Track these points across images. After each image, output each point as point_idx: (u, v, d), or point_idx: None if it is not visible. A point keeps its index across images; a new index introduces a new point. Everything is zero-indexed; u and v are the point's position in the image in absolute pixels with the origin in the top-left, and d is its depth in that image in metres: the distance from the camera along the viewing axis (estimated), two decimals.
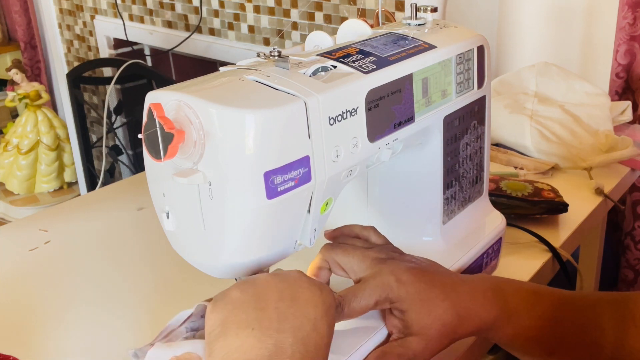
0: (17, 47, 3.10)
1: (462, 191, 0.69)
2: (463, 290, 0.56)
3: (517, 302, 0.57)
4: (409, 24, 0.66)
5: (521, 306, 0.57)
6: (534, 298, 0.58)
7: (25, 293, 0.75)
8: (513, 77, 1.16)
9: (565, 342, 0.58)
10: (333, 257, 0.57)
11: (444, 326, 0.54)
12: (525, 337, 0.57)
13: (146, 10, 2.16)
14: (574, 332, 0.58)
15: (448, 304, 0.54)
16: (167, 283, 0.75)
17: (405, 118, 0.58)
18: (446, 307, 0.54)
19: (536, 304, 0.58)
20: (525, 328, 0.57)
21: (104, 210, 0.95)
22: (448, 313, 0.54)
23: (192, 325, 0.53)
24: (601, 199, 0.93)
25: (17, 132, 2.73)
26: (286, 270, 0.50)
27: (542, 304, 0.58)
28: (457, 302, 0.55)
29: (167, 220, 0.51)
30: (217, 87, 0.49)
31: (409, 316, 0.54)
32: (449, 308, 0.54)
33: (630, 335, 0.56)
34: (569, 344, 0.58)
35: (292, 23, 1.73)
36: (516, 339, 0.57)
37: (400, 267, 0.55)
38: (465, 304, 0.55)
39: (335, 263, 0.57)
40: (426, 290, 0.54)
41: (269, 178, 0.47)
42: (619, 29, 1.23)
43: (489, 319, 0.56)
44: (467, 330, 0.55)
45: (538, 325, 0.57)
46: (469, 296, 0.56)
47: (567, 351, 0.58)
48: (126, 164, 2.44)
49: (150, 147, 0.47)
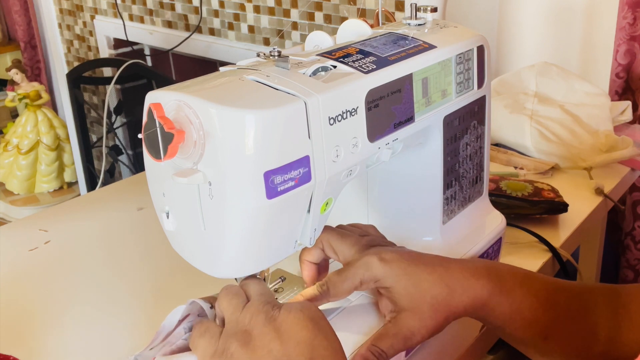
0: (17, 47, 3.10)
1: (462, 191, 0.69)
2: (452, 267, 0.56)
3: (512, 282, 0.57)
4: (409, 24, 0.66)
5: (516, 286, 0.57)
6: (528, 280, 0.58)
7: (25, 293, 0.75)
8: (513, 77, 1.16)
9: (559, 326, 0.57)
10: (328, 238, 0.58)
11: (434, 298, 0.54)
12: (521, 317, 0.56)
13: (146, 10, 2.16)
14: (569, 317, 0.57)
15: (435, 276, 0.55)
16: (167, 283, 0.75)
17: (405, 118, 0.58)
18: (433, 280, 0.54)
19: (531, 286, 0.58)
20: (521, 308, 0.56)
21: (104, 210, 0.95)
22: (436, 285, 0.54)
23: (190, 325, 0.53)
24: (601, 199, 0.93)
25: (17, 132, 2.73)
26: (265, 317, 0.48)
27: (537, 286, 0.58)
28: (445, 275, 0.55)
29: (167, 220, 0.51)
30: (217, 87, 0.49)
31: (396, 291, 0.54)
32: (437, 280, 0.54)
33: (623, 328, 0.56)
34: (564, 330, 0.57)
35: (292, 23, 1.73)
36: (512, 319, 0.57)
37: (386, 249, 0.56)
38: (455, 277, 0.55)
39: (329, 245, 0.58)
40: (410, 266, 0.55)
41: (269, 178, 0.47)
42: (619, 29, 1.23)
43: (483, 293, 0.55)
44: (461, 304, 0.55)
45: (533, 306, 0.56)
46: (458, 270, 0.56)
47: (561, 337, 0.57)
48: (126, 164, 2.44)
49: (150, 147, 0.47)
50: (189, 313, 0.53)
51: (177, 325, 0.53)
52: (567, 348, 0.57)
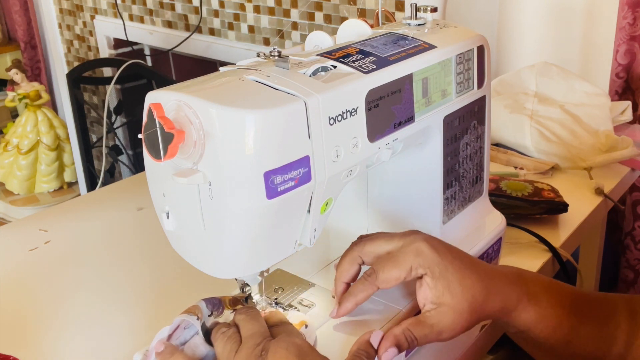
0: (17, 47, 3.10)
1: (462, 191, 0.69)
2: (487, 268, 0.57)
3: (537, 288, 0.58)
4: (409, 24, 0.66)
5: (541, 292, 0.58)
6: (552, 287, 0.59)
7: (25, 293, 0.75)
8: (513, 77, 1.16)
9: (581, 331, 0.58)
10: (362, 248, 0.59)
11: (474, 298, 0.55)
12: (546, 323, 0.57)
13: (146, 10, 2.16)
14: (591, 322, 0.58)
15: (477, 277, 0.55)
16: (167, 283, 0.75)
17: (405, 118, 0.58)
18: (475, 280, 0.55)
19: (554, 292, 0.59)
20: (546, 314, 0.57)
21: (104, 210, 0.95)
22: (477, 285, 0.55)
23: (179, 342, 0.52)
24: (601, 199, 0.93)
25: (17, 132, 2.73)
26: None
27: (560, 293, 0.59)
28: (485, 277, 0.56)
29: (167, 220, 0.51)
30: (217, 87, 0.49)
31: (441, 284, 0.54)
32: (478, 281, 0.55)
33: (638, 332, 0.57)
34: (586, 334, 0.58)
35: (292, 23, 1.73)
36: (537, 326, 0.57)
37: (431, 236, 0.57)
38: (492, 280, 0.56)
39: (367, 253, 0.58)
40: (457, 260, 0.56)
41: (269, 178, 0.47)
42: (619, 29, 1.23)
43: (512, 298, 0.56)
44: (494, 307, 0.56)
45: (557, 313, 0.57)
46: (492, 274, 0.57)
47: (583, 341, 0.58)
48: (126, 164, 2.44)
49: (150, 147, 0.47)
50: (177, 326, 0.53)
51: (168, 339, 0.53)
52: (587, 352, 0.58)
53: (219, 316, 0.54)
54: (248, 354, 0.50)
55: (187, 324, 0.52)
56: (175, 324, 0.52)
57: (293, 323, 0.56)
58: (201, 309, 0.53)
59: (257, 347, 0.50)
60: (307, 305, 0.61)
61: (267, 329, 0.52)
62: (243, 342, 0.51)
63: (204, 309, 0.53)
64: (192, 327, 0.52)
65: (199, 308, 0.53)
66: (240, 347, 0.51)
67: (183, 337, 0.52)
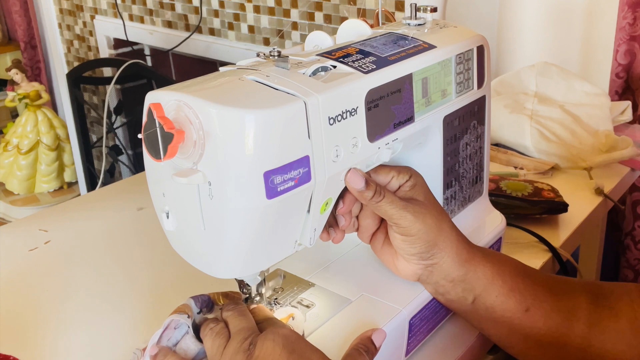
0: (17, 47, 3.10)
1: (462, 191, 0.69)
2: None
3: (494, 253, 0.63)
4: (408, 24, 0.66)
5: (498, 255, 0.63)
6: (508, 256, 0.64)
7: (25, 293, 0.75)
8: (513, 77, 1.16)
9: (539, 298, 0.59)
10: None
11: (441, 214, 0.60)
12: (502, 281, 0.59)
13: (146, 10, 2.16)
14: (549, 291, 0.60)
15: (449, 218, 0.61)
16: (167, 283, 0.75)
17: (405, 118, 0.58)
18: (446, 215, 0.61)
19: (511, 259, 0.63)
20: (502, 271, 0.60)
21: (104, 210, 0.95)
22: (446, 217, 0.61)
23: (174, 342, 0.53)
24: (601, 199, 0.93)
25: (17, 132, 2.73)
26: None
27: (514, 262, 0.63)
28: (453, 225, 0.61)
29: (167, 220, 0.51)
30: (217, 87, 0.49)
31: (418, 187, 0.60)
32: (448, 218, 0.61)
33: (604, 316, 0.58)
34: (544, 303, 0.59)
35: (292, 23, 1.73)
36: (493, 283, 0.59)
37: None
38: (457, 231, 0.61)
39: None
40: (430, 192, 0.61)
41: (269, 178, 0.47)
42: (619, 29, 1.23)
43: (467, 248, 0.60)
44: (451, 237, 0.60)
45: (513, 273, 0.60)
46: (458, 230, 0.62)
47: (542, 310, 0.59)
48: (126, 164, 2.44)
49: (150, 147, 0.47)
50: (167, 326, 0.53)
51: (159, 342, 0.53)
52: (548, 322, 0.59)
53: (208, 312, 0.55)
54: (236, 348, 0.50)
55: (177, 324, 0.52)
56: (165, 324, 0.53)
57: (280, 317, 0.56)
58: (191, 307, 0.54)
59: (245, 342, 0.51)
60: (307, 305, 0.61)
61: (254, 324, 0.53)
62: (232, 337, 0.52)
63: (193, 307, 0.54)
64: (182, 326, 0.52)
65: (189, 306, 0.53)
66: (228, 342, 0.51)
67: (174, 337, 0.52)
